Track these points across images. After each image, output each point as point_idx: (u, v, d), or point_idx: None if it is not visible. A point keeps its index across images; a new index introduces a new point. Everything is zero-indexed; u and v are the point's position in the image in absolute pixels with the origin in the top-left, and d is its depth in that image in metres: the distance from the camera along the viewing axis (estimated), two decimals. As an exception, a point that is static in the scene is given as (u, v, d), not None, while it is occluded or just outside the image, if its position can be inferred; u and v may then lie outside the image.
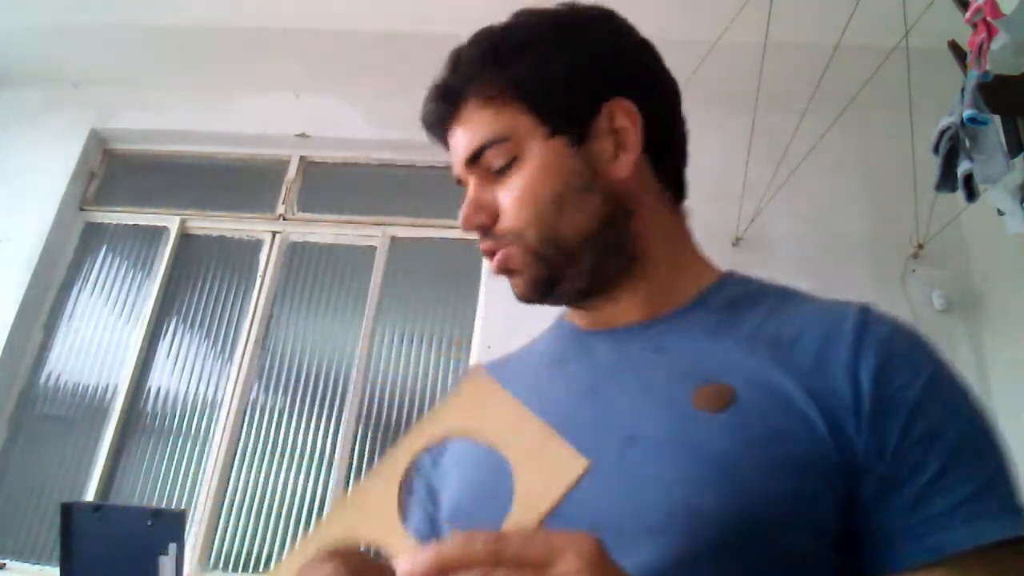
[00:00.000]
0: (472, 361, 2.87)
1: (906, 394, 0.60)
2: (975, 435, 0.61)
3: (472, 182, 0.75)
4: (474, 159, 0.73)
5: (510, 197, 0.72)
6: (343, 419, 2.88)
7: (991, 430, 0.62)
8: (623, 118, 0.74)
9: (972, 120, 1.87)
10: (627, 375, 0.72)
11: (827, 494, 0.59)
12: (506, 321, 2.84)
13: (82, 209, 3.36)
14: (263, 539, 2.75)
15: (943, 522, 0.57)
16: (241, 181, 3.41)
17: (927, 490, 0.58)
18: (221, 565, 2.72)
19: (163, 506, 2.76)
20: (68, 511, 1.93)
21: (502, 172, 0.73)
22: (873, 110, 2.77)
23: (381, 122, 3.29)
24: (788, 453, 0.59)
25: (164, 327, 3.14)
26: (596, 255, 0.74)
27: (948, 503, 0.57)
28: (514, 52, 0.74)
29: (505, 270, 0.74)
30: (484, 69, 0.74)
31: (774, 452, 0.59)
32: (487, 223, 0.74)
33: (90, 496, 2.81)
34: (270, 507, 2.79)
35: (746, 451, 0.59)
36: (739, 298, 0.75)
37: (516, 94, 0.73)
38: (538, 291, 0.74)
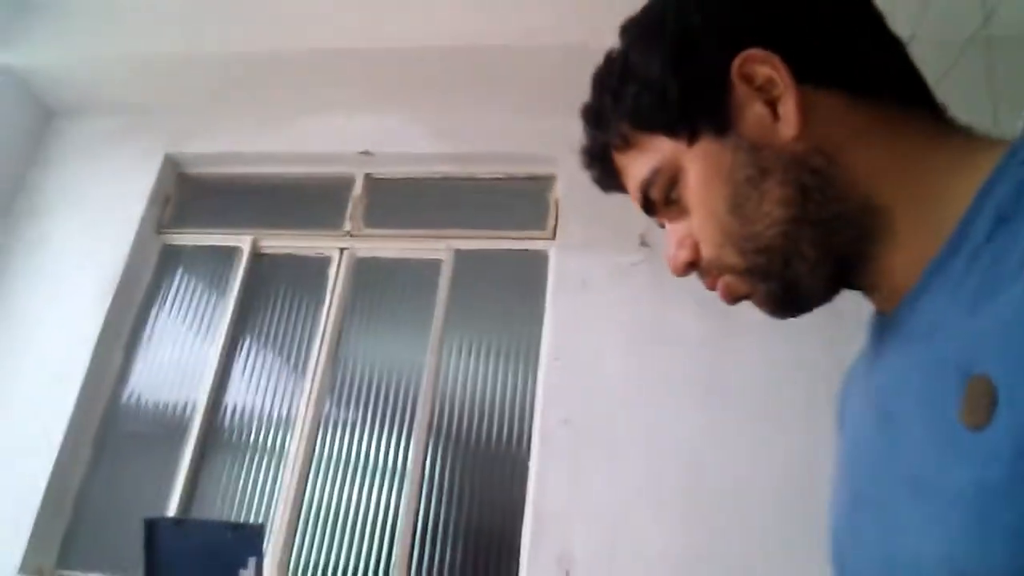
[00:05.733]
0: (540, 373, 2.85)
1: None
2: None
3: (667, 224, 0.69)
4: (648, 203, 0.69)
5: (694, 224, 0.66)
6: (414, 431, 2.89)
7: None
8: (757, 69, 0.60)
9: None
10: (910, 382, 0.54)
11: None
12: (573, 332, 2.85)
13: (159, 232, 3.46)
14: (339, 551, 2.77)
15: None
16: (309, 199, 3.47)
17: None
18: (299, 578, 2.76)
19: (242, 520, 2.82)
20: (152, 526, 1.99)
21: (675, 203, 0.67)
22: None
23: (441, 136, 3.30)
24: None
25: (239, 345, 3.21)
26: (815, 236, 0.59)
27: None
28: (620, 82, 0.68)
29: (738, 299, 0.66)
30: (607, 116, 0.69)
31: None
32: (694, 258, 0.66)
33: (172, 511, 2.87)
34: (344, 519, 2.81)
35: (1010, 483, 0.41)
36: (1016, 200, 0.48)
37: (640, 126, 0.67)
38: (782, 305, 0.64)
